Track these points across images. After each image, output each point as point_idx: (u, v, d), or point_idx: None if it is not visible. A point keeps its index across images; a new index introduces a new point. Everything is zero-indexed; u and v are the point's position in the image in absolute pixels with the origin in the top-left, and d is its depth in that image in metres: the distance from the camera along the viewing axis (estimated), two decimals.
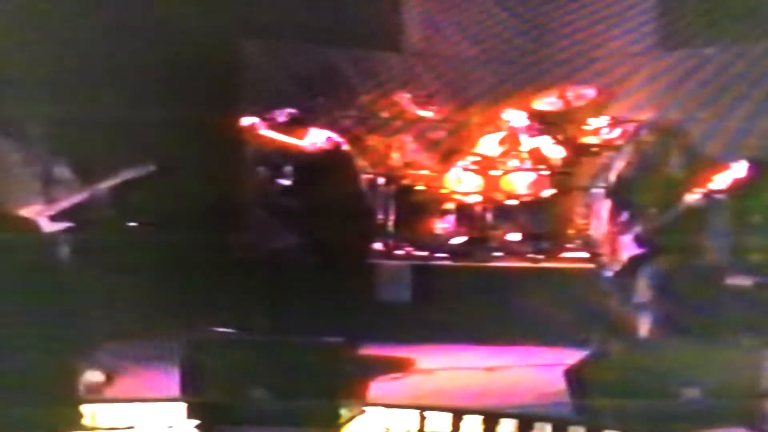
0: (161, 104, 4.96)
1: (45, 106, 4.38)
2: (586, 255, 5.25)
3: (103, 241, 4.73)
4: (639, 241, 4.25)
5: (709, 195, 4.06)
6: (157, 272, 4.86)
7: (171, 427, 3.54)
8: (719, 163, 4.13)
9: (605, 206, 4.45)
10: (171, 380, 3.62)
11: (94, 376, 3.67)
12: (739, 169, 4.02)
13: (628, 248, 4.28)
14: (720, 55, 5.75)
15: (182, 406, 3.51)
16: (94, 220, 4.24)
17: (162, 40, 5.18)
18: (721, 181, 4.04)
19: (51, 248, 3.24)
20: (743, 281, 4.60)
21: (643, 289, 4.16)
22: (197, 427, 3.47)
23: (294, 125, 5.33)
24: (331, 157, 5.28)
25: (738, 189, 4.06)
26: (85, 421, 3.38)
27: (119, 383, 3.99)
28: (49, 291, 2.42)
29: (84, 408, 3.06)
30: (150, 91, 5.06)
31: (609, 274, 4.35)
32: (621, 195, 4.40)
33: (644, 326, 4.12)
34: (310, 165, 5.30)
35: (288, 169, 5.43)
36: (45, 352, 2.35)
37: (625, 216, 4.33)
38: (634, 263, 4.24)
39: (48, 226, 4.01)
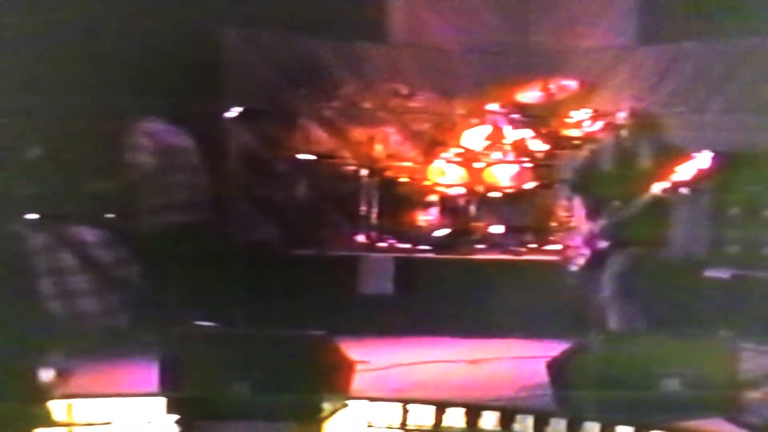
0: (138, 94, 4.91)
1: (17, 95, 4.33)
2: (567, 247, 5.26)
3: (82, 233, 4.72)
4: (604, 233, 4.24)
5: (673, 187, 4.03)
6: (136, 265, 4.82)
7: (150, 422, 3.51)
8: (684, 154, 4.08)
9: (571, 199, 4.45)
10: (150, 374, 3.59)
11: (46, 375, 3.58)
12: (703, 160, 3.99)
13: (593, 241, 4.28)
14: (700, 50, 5.78)
15: (162, 401, 3.49)
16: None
17: (141, 28, 5.13)
18: (685, 172, 4.00)
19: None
20: (721, 274, 4.62)
21: (609, 282, 4.15)
22: (177, 422, 3.44)
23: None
24: None
25: (703, 180, 4.04)
26: (61, 417, 3.35)
27: (97, 378, 3.96)
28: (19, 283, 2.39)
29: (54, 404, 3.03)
30: (127, 80, 5.01)
31: (574, 267, 4.34)
32: (584, 187, 4.38)
33: (614, 319, 4.12)
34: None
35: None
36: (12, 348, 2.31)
37: (589, 208, 4.31)
38: (600, 256, 4.23)
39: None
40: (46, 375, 3.51)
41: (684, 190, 4.03)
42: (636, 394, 3.40)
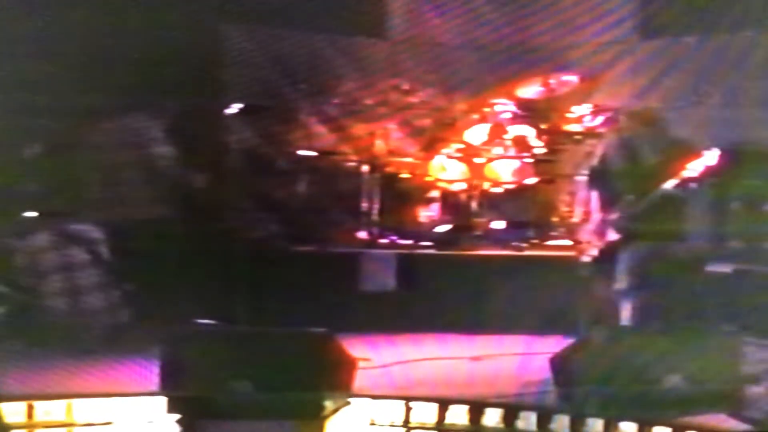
0: (140, 92, 4.90)
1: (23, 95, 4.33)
2: (569, 243, 5.26)
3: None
4: (617, 227, 4.28)
5: (683, 182, 4.11)
6: (136, 263, 4.81)
7: (151, 422, 3.50)
8: (693, 151, 4.16)
9: (585, 193, 4.50)
10: (151, 374, 3.58)
11: None
12: (712, 157, 4.06)
13: (606, 235, 4.31)
14: (700, 44, 5.77)
15: (162, 401, 3.48)
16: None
17: (141, 24, 5.12)
18: (695, 168, 4.09)
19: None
20: (723, 268, 4.63)
21: (621, 275, 4.18)
22: (178, 421, 3.43)
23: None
24: None
25: (712, 176, 4.12)
26: (62, 417, 3.35)
27: (97, 377, 3.94)
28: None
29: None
30: (128, 78, 5.00)
31: (588, 260, 4.38)
32: (600, 182, 4.43)
33: (624, 313, 4.15)
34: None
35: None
36: None
37: (603, 203, 4.36)
38: (612, 250, 4.26)
39: None
40: None
41: (693, 186, 4.10)
42: (639, 389, 3.39)
